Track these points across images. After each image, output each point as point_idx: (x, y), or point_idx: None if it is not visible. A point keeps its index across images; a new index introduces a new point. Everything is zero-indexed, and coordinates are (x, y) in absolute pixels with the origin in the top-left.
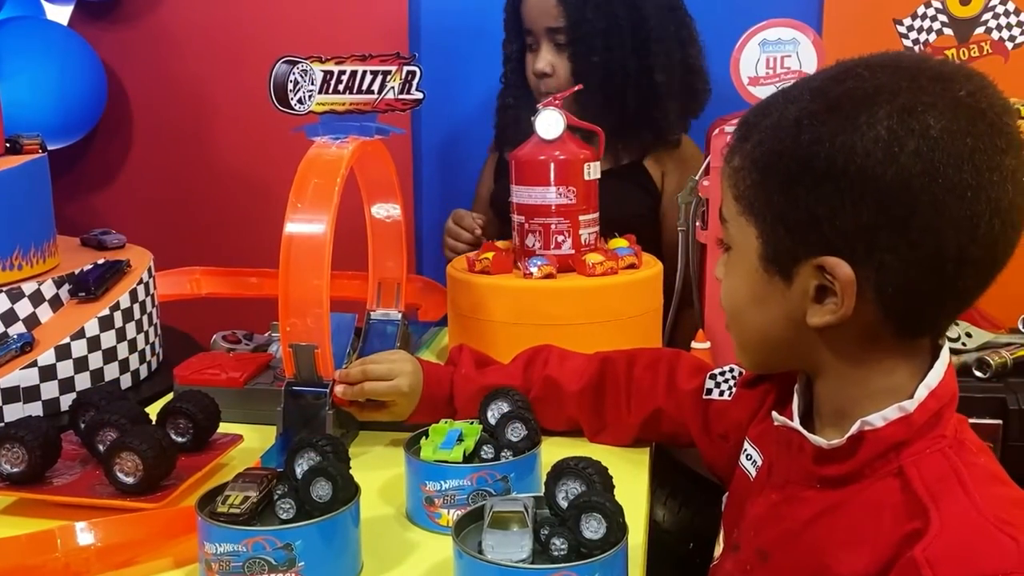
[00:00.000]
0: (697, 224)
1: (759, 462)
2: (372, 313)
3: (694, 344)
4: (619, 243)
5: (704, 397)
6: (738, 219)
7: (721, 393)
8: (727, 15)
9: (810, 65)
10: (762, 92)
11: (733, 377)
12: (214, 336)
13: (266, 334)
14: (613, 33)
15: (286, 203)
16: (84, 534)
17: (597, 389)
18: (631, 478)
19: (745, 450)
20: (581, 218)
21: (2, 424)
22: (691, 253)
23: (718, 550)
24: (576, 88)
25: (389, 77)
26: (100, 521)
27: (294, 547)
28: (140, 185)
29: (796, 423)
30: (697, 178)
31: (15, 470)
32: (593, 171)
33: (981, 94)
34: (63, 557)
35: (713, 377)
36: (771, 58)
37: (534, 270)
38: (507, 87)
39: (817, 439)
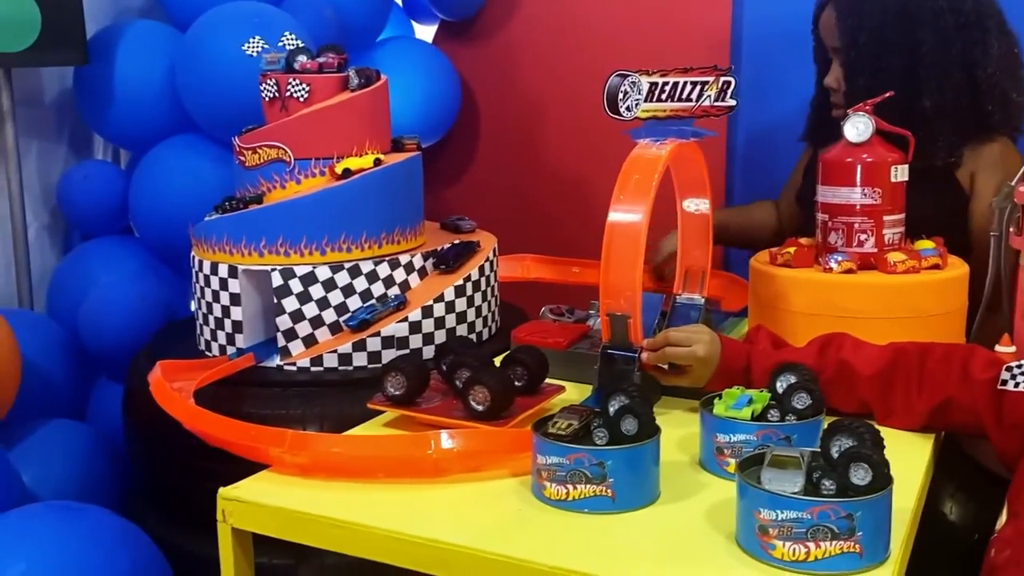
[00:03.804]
0: (1011, 230)
1: None
2: (678, 296)
3: (998, 347)
4: (925, 244)
5: (999, 387)
6: None
7: (1017, 384)
8: None
9: None
10: None
11: None
12: (542, 309)
13: (586, 311)
14: (883, 58)
15: (606, 201)
16: (448, 440)
17: (889, 375)
18: (911, 458)
19: None
20: (885, 218)
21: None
22: (1003, 258)
23: (1000, 523)
24: (887, 95)
25: (707, 87)
26: (460, 432)
27: (606, 465)
28: (484, 181)
29: None
30: (1014, 183)
31: (397, 393)
32: (901, 173)
33: None
34: (434, 455)
35: (1009, 369)
36: None
37: (834, 265)
38: (818, 90)
39: None
